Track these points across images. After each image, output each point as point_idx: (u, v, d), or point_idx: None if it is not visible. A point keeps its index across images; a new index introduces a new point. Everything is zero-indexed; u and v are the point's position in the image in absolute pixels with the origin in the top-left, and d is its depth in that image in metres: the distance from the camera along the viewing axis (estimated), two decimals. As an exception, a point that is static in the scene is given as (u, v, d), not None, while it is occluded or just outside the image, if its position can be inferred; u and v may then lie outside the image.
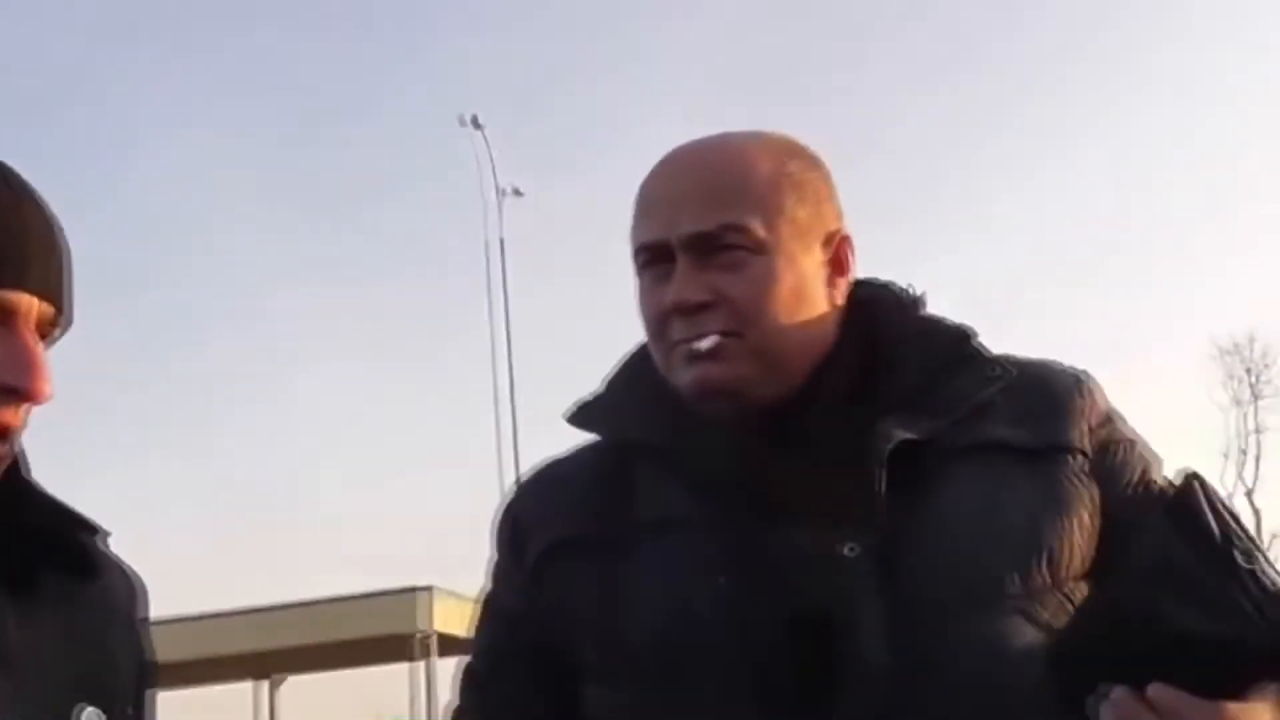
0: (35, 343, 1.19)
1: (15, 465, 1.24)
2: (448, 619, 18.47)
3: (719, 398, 1.39)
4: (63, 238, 1.26)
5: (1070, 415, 1.40)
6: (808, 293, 1.41)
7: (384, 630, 18.19)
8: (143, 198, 32.63)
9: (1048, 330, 28.66)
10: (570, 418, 1.48)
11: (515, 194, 22.91)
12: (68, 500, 1.32)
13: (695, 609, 1.32)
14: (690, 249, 1.38)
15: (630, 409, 1.46)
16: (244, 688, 20.85)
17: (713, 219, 1.38)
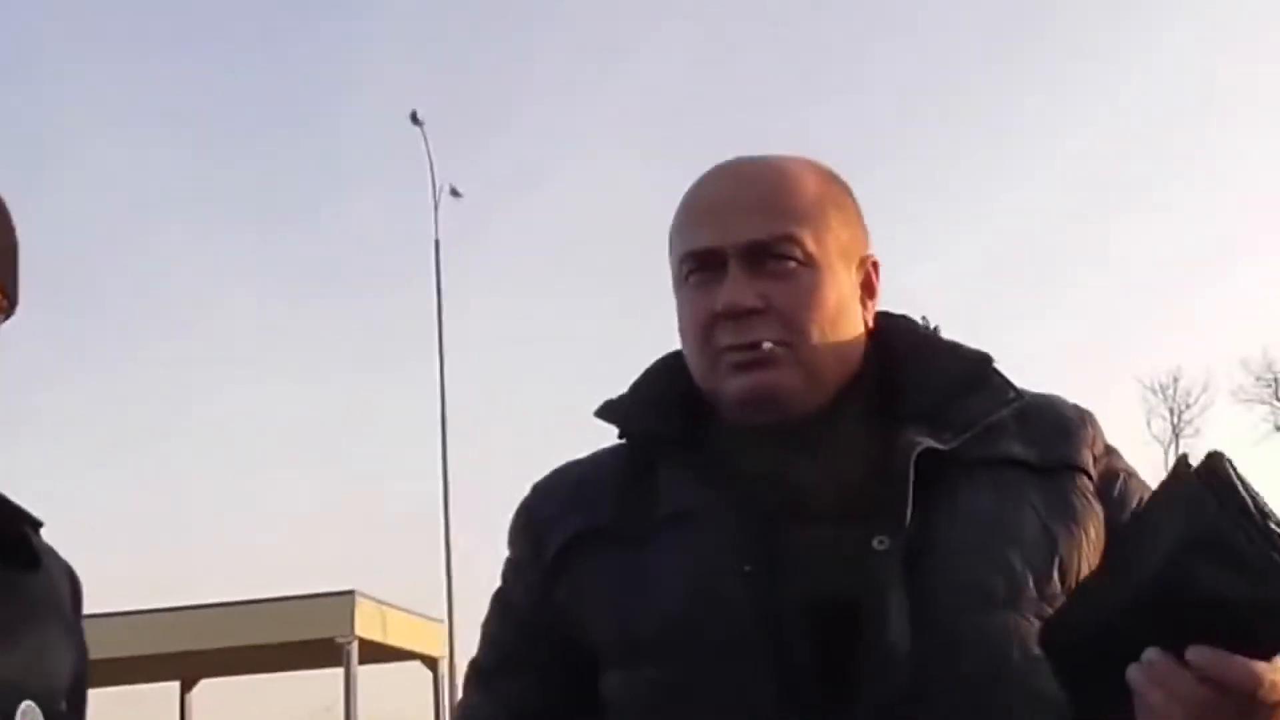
0: None
1: None
2: (369, 624, 18.32)
3: (765, 404, 1.41)
4: (9, 228, 1.27)
5: (1078, 440, 1.46)
6: (847, 310, 1.45)
7: (305, 635, 18.02)
8: (76, 203, 32.09)
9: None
10: (597, 412, 1.51)
11: (453, 194, 22.75)
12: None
13: (721, 593, 1.35)
14: (744, 257, 1.41)
15: (655, 408, 1.49)
16: (156, 689, 20.58)
17: (767, 229, 1.42)
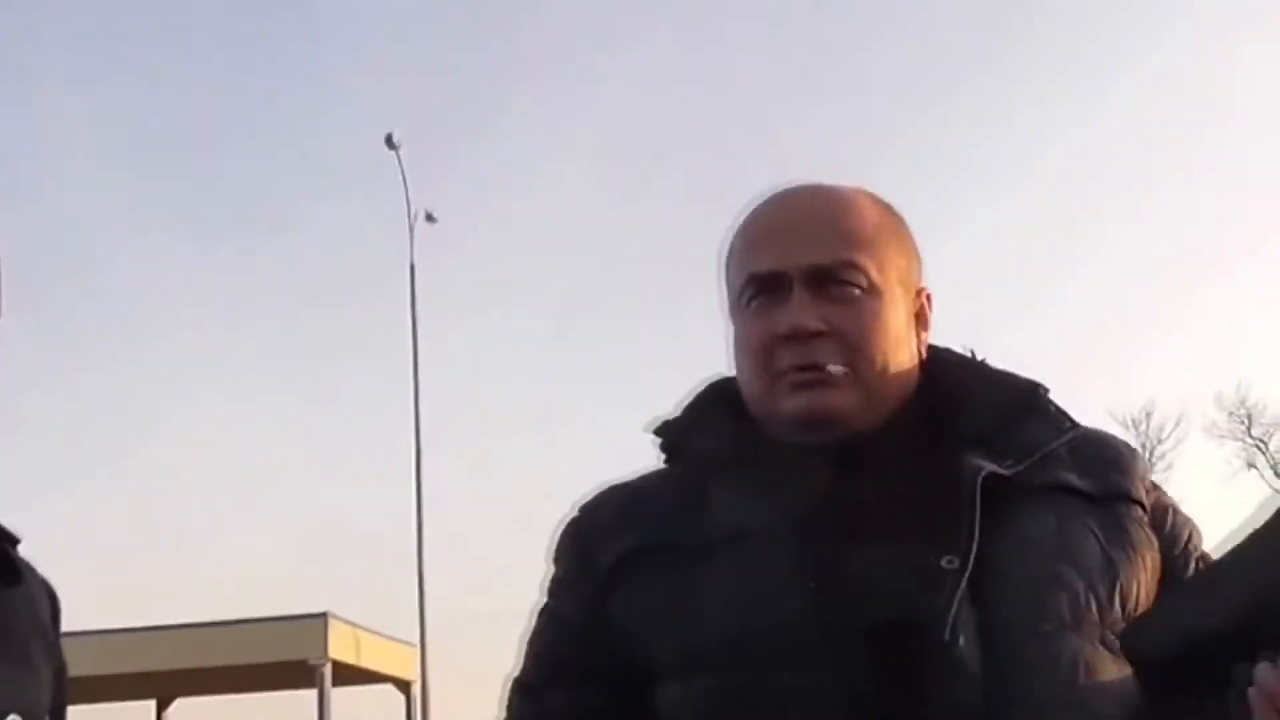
0: None
1: None
2: (342, 647, 18.23)
3: (824, 424, 1.43)
4: None
5: (1131, 473, 1.49)
6: (903, 338, 1.48)
7: (279, 656, 17.91)
8: (44, 207, 31.83)
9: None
10: (654, 430, 1.53)
11: (429, 219, 22.58)
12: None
13: (785, 609, 1.35)
14: (808, 281, 1.44)
15: (710, 427, 1.50)
16: (132, 708, 20.43)
17: (832, 255, 1.45)
